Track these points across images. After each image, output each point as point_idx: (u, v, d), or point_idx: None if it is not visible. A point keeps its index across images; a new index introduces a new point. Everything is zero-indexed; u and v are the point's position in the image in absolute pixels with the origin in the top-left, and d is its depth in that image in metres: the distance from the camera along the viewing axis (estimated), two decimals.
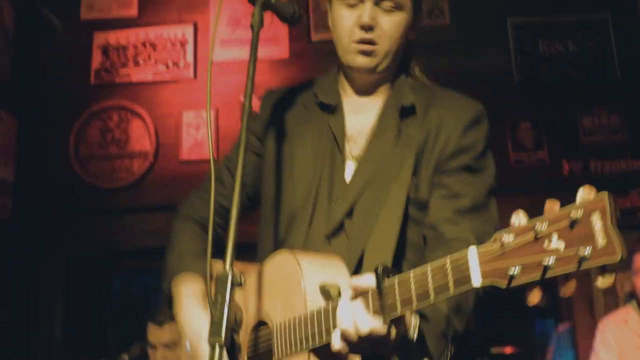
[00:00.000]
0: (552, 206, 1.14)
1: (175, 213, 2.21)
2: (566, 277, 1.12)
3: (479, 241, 1.61)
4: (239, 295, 1.62)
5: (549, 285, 1.15)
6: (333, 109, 2.02)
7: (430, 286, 1.33)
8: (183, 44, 5.00)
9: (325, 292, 1.61)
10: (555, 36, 4.92)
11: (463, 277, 1.27)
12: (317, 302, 1.62)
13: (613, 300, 4.47)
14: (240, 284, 1.49)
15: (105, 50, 5.03)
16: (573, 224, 1.10)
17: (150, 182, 4.73)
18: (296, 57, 4.99)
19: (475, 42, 4.90)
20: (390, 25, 1.94)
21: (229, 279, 1.47)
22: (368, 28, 1.90)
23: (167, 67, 4.97)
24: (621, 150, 4.67)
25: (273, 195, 1.98)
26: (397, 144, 1.91)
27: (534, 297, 1.17)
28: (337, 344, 1.51)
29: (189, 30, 5.03)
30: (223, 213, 2.10)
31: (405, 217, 1.84)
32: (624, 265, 4.23)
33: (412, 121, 1.94)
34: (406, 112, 1.96)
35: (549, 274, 1.12)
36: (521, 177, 4.61)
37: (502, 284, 1.19)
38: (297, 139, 2.00)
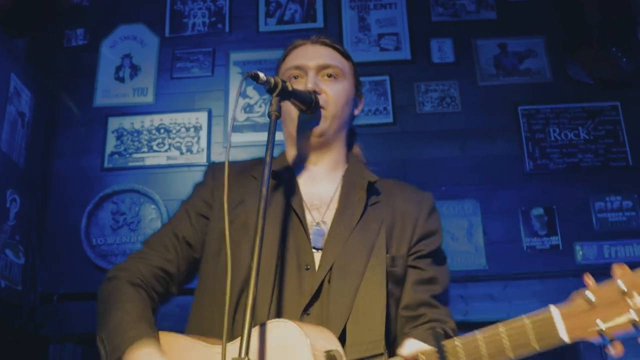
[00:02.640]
0: (622, 269, 1.32)
1: (107, 278, 2.01)
2: None
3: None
4: None
5: None
6: (286, 179, 2.06)
7: (507, 344, 1.39)
8: (197, 129, 5.06)
9: (330, 357, 1.59)
10: (566, 124, 4.96)
11: (547, 332, 1.35)
12: None
13: None
14: None
15: (119, 134, 5.09)
16: None
17: None
18: None
19: (486, 129, 4.95)
20: (335, 90, 2.10)
21: None
22: (313, 93, 2.03)
23: (181, 152, 5.01)
24: (635, 235, 4.64)
25: (223, 262, 1.89)
26: (365, 219, 1.97)
27: (618, 349, 1.28)
28: None
29: (203, 117, 5.10)
30: (165, 279, 2.03)
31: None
32: None
33: (376, 200, 2.03)
34: (371, 190, 2.05)
35: (637, 325, 1.27)
36: (534, 263, 4.58)
37: (594, 337, 1.31)
38: (251, 209, 1.95)
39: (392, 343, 1.89)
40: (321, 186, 2.08)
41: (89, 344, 4.75)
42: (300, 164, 2.14)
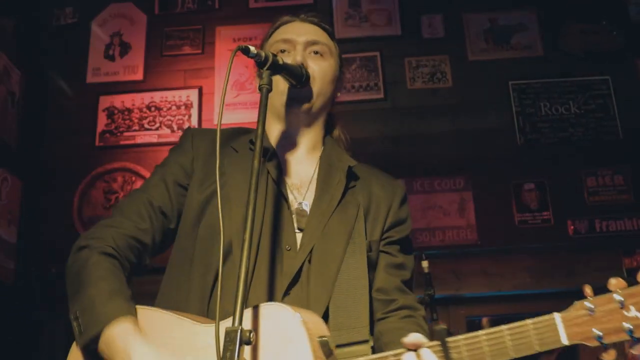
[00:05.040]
0: (619, 283, 1.45)
1: (77, 248, 1.86)
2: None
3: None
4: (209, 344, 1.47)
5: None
6: (269, 156, 2.03)
7: (509, 344, 1.51)
8: (188, 107, 5.05)
9: (324, 344, 1.60)
10: (557, 98, 4.97)
11: (549, 336, 1.49)
12: (321, 356, 1.57)
13: None
14: (249, 342, 1.45)
15: (110, 113, 5.07)
16: None
17: None
18: None
19: (478, 104, 4.96)
20: (321, 67, 2.11)
21: (238, 336, 1.44)
22: (303, 67, 2.04)
23: (172, 130, 5.00)
24: (626, 209, 4.67)
25: (204, 235, 1.89)
26: (344, 202, 2.00)
27: (612, 355, 1.44)
28: None
29: (194, 94, 5.09)
30: (138, 249, 1.92)
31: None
32: None
33: (353, 184, 2.06)
34: (350, 174, 2.07)
35: (632, 337, 1.41)
36: (526, 238, 4.60)
37: (593, 343, 1.45)
38: (232, 182, 1.96)
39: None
40: (301, 166, 2.08)
41: None
42: (282, 141, 2.11)
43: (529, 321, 1.51)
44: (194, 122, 5.00)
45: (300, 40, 2.12)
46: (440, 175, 4.72)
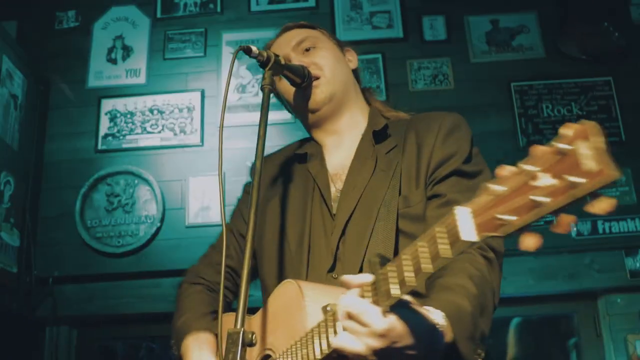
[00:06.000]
0: (536, 148, 1.07)
1: (182, 280, 2.32)
2: (558, 212, 1.04)
3: (485, 242, 1.76)
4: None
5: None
6: (312, 156, 2.15)
7: (426, 257, 1.24)
8: (190, 110, 5.05)
9: (326, 310, 1.56)
10: (559, 100, 4.97)
11: (456, 236, 1.17)
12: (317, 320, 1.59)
13: None
14: (251, 344, 1.48)
15: (112, 116, 5.08)
16: (560, 157, 1.02)
17: (157, 247, 4.72)
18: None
19: (479, 106, 4.95)
20: (320, 56, 2.16)
21: (240, 338, 1.46)
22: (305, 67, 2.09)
23: (175, 133, 5.01)
24: (628, 211, 4.65)
25: (270, 250, 2.07)
26: (377, 169, 2.00)
27: (529, 242, 1.08)
28: (337, 340, 1.41)
29: (196, 97, 5.09)
30: (229, 274, 2.23)
31: (397, 233, 1.87)
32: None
33: (393, 145, 2.03)
34: (380, 136, 2.06)
35: (543, 212, 1.05)
36: None
37: (500, 233, 1.10)
38: (284, 194, 2.12)
39: None
40: (341, 153, 2.14)
41: (84, 326, 4.77)
42: (323, 137, 2.20)
43: (437, 224, 1.22)
44: (196, 125, 5.00)
45: (288, 49, 2.18)
46: None
